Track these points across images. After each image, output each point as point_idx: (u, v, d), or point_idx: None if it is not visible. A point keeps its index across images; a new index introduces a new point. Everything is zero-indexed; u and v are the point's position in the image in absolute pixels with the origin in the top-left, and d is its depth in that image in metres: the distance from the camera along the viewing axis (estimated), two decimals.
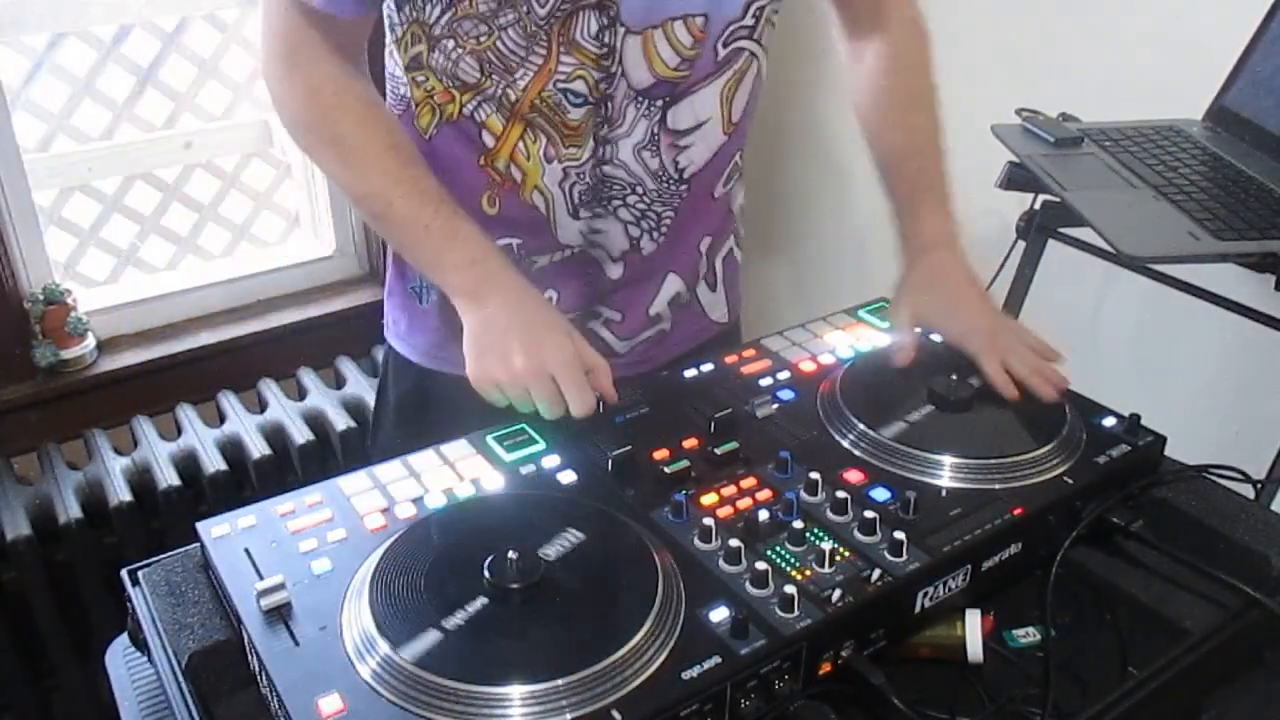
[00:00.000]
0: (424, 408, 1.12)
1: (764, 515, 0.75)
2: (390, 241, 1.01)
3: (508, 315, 0.89)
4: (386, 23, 0.97)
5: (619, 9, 0.89)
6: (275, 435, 1.74)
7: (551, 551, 0.70)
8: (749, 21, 0.96)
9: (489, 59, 0.92)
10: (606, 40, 0.91)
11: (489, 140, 0.97)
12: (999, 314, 1.00)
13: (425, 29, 0.93)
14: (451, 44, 0.93)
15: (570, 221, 1.00)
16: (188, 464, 1.68)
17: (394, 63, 1.00)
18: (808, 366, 0.97)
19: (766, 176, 2.16)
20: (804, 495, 0.78)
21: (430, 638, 0.64)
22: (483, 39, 0.91)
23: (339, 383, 1.90)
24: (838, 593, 0.68)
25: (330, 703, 0.60)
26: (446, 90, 0.96)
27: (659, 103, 0.96)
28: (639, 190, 1.00)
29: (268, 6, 0.93)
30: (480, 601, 0.67)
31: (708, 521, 0.74)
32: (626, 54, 0.92)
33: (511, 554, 0.68)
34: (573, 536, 0.72)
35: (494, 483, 0.80)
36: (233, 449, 1.72)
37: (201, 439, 1.72)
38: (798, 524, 0.74)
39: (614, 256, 1.04)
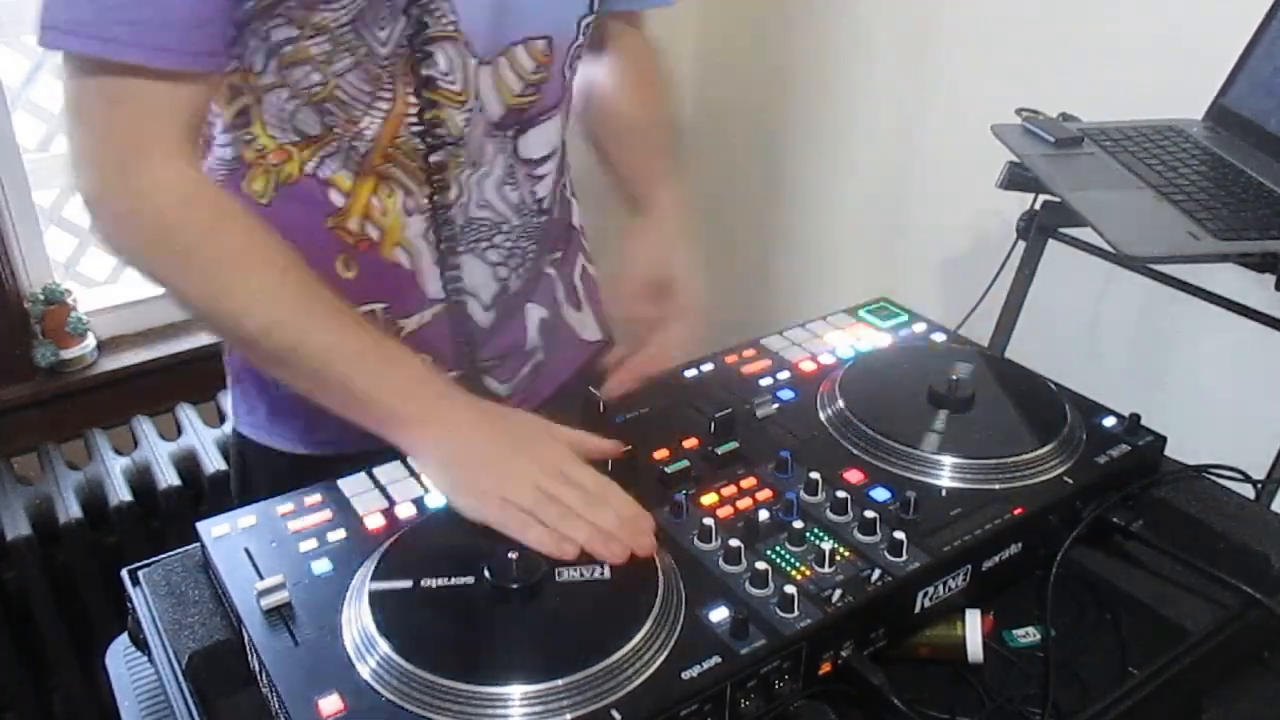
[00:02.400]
0: None
1: (764, 515, 0.75)
2: (297, 379, 0.81)
3: (481, 429, 0.79)
4: None
5: (467, 39, 0.82)
6: None
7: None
8: (580, 40, 0.92)
9: (329, 110, 0.82)
10: (460, 75, 0.84)
11: (337, 199, 0.87)
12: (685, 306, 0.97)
13: (249, 79, 0.82)
14: (286, 93, 0.82)
15: (437, 274, 0.92)
16: (188, 464, 1.68)
17: (213, 123, 0.87)
18: (808, 366, 0.97)
19: (767, 177, 2.16)
20: (804, 495, 0.78)
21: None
22: (317, 89, 0.81)
23: None
24: (838, 593, 0.68)
25: (330, 703, 0.60)
26: (281, 148, 0.85)
27: (509, 133, 0.91)
28: (504, 228, 0.95)
29: (82, 105, 0.75)
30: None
31: (708, 521, 0.74)
32: (481, 86, 0.86)
33: (511, 554, 0.68)
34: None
35: None
36: None
37: (201, 439, 1.72)
38: (798, 524, 0.74)
39: (485, 303, 0.97)
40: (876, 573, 0.70)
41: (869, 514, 0.74)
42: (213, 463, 1.67)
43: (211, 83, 0.79)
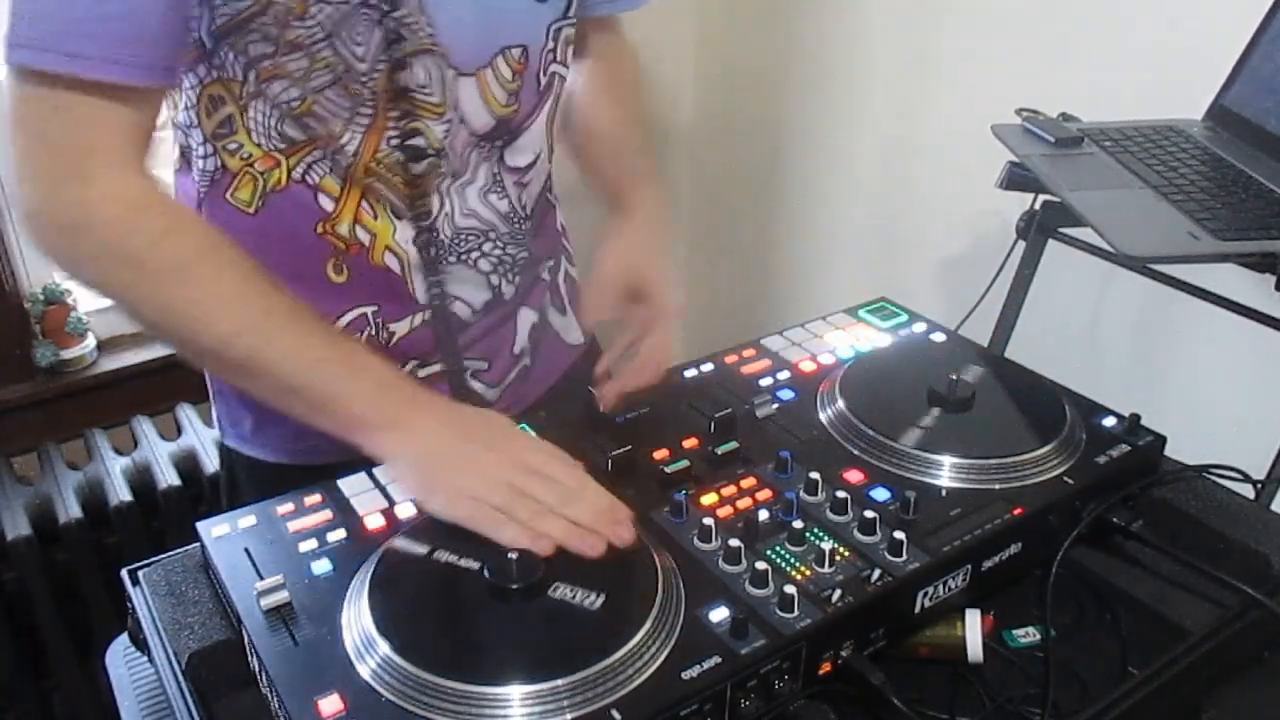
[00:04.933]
0: None
1: (764, 515, 0.75)
2: (260, 388, 0.80)
3: (449, 428, 0.79)
4: (182, 93, 0.85)
5: (448, 52, 0.83)
6: None
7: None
8: (550, 45, 0.92)
9: (308, 124, 0.82)
10: (439, 87, 0.84)
11: (327, 204, 0.87)
12: (663, 299, 0.97)
13: (229, 88, 0.82)
14: (267, 105, 0.82)
15: (428, 280, 0.93)
16: (188, 464, 1.68)
17: (193, 135, 0.87)
18: (808, 366, 0.97)
19: (766, 177, 2.16)
20: (804, 495, 0.78)
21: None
22: (295, 104, 0.81)
23: None
24: (838, 593, 0.68)
25: (330, 703, 0.60)
26: (269, 155, 0.84)
27: (498, 144, 0.92)
28: (492, 236, 0.95)
29: (28, 116, 0.73)
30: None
31: (708, 521, 0.74)
32: (462, 98, 0.86)
33: (511, 554, 0.68)
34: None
35: None
36: None
37: (201, 439, 1.72)
38: (798, 524, 0.74)
39: (476, 309, 0.97)
40: (876, 573, 0.70)
41: (869, 514, 0.74)
42: (213, 463, 1.66)
43: (162, 95, 0.79)
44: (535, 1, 0.88)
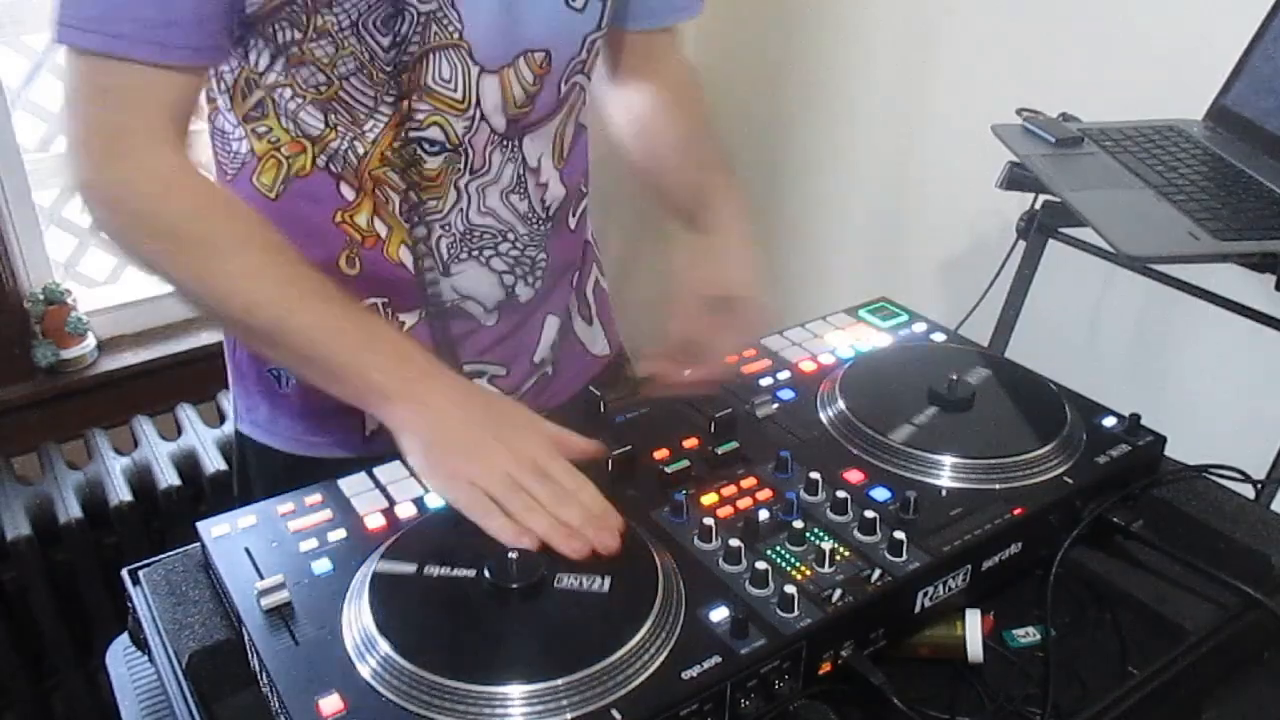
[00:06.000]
0: None
1: (764, 515, 0.75)
2: (283, 357, 0.84)
3: (462, 410, 0.78)
4: (213, 77, 0.87)
5: (473, 48, 0.83)
6: None
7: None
8: (584, 56, 0.92)
9: (333, 109, 0.84)
10: (462, 83, 0.85)
11: (348, 193, 0.88)
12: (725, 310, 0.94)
13: (256, 77, 0.84)
14: (289, 93, 0.84)
15: (440, 277, 0.93)
16: (188, 464, 1.68)
17: (226, 118, 0.89)
18: (808, 366, 0.97)
19: (766, 177, 2.16)
20: (804, 495, 0.78)
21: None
22: (323, 89, 0.83)
23: None
24: (838, 593, 0.68)
25: (330, 703, 0.60)
26: (295, 140, 0.86)
27: (516, 143, 0.92)
28: (509, 236, 0.95)
29: (76, 96, 0.77)
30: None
31: (708, 521, 0.74)
32: (485, 96, 0.86)
33: (511, 554, 0.68)
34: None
35: None
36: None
37: (201, 439, 1.72)
38: (798, 524, 0.74)
39: (488, 308, 0.97)
40: (876, 573, 0.70)
41: (869, 514, 0.74)
42: (213, 463, 1.67)
43: (204, 74, 0.82)
44: (569, 10, 0.88)
